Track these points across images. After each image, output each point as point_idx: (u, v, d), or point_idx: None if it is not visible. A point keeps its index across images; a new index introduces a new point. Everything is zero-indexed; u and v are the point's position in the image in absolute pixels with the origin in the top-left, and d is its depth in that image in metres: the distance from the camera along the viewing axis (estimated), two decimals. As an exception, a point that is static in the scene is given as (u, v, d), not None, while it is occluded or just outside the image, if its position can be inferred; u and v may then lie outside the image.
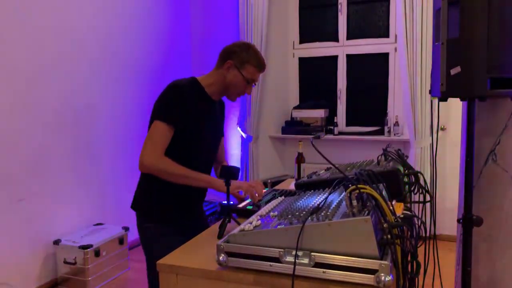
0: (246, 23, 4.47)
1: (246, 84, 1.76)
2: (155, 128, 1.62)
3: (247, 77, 1.74)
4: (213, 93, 1.78)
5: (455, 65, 1.40)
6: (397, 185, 1.51)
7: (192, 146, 1.72)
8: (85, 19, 3.46)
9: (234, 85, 1.75)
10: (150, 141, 1.61)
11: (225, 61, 1.74)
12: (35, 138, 3.05)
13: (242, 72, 1.73)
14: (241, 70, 1.73)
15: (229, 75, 1.74)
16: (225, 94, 1.81)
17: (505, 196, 1.64)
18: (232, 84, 1.75)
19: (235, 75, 1.73)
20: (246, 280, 1.15)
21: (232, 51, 1.74)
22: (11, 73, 2.87)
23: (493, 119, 1.65)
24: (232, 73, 1.73)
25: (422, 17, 3.81)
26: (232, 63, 1.72)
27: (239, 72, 1.73)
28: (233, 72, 1.73)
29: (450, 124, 3.96)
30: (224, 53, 1.76)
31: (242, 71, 1.73)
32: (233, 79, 1.74)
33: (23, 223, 2.97)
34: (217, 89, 1.78)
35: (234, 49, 1.74)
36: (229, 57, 1.73)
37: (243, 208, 1.72)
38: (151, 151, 1.60)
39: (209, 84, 1.76)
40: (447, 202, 3.79)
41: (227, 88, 1.77)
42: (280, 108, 4.84)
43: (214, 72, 1.79)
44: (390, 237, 1.01)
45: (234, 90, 1.77)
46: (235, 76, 1.73)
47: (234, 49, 1.74)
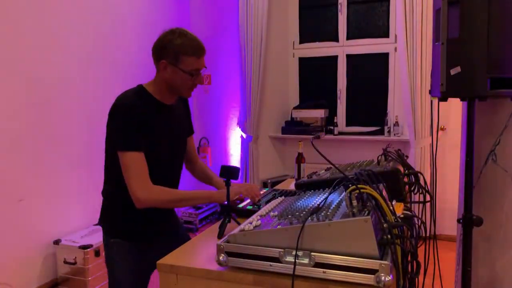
0: (246, 23, 4.47)
1: (191, 77, 1.56)
2: (128, 161, 1.49)
3: (188, 69, 1.54)
4: (163, 98, 1.62)
5: (455, 65, 1.40)
6: (397, 185, 1.51)
7: (156, 160, 1.59)
8: (85, 19, 3.45)
9: (180, 84, 1.57)
10: (134, 176, 1.50)
11: (158, 61, 1.56)
12: (35, 138, 3.05)
13: (180, 67, 1.53)
14: (178, 65, 1.53)
15: (168, 76, 1.55)
16: (176, 94, 1.65)
17: (505, 196, 1.64)
18: (177, 83, 1.57)
19: (174, 73, 1.54)
20: (246, 280, 1.15)
21: (160, 46, 1.54)
22: (10, 73, 2.87)
23: (493, 119, 1.65)
24: (170, 72, 1.55)
25: (422, 17, 3.81)
26: (166, 62, 1.54)
27: (177, 68, 1.53)
28: (171, 71, 1.54)
29: (450, 124, 3.95)
30: (154, 53, 1.57)
31: (180, 65, 1.53)
32: (175, 78, 1.55)
33: (23, 223, 2.96)
34: (165, 93, 1.61)
35: (162, 43, 1.54)
36: (160, 56, 1.55)
37: (243, 208, 1.72)
38: (141, 186, 1.50)
39: (155, 90, 1.61)
40: (447, 202, 3.79)
41: (174, 88, 1.59)
42: (280, 108, 4.84)
43: (156, 77, 1.62)
44: (390, 237, 1.01)
45: (182, 88, 1.59)
46: (174, 74, 1.55)
47: (162, 43, 1.54)
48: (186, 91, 1.61)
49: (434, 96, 1.55)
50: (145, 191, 1.51)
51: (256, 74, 4.51)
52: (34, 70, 3.03)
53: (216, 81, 4.87)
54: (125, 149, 1.50)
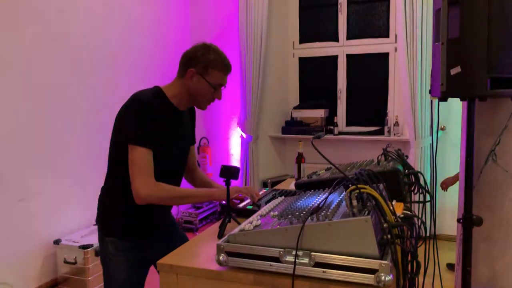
0: (246, 23, 4.47)
1: (213, 90, 1.62)
2: (137, 155, 1.50)
3: (213, 83, 1.60)
4: (179, 104, 1.65)
5: (455, 65, 1.40)
6: (397, 185, 1.51)
7: (162, 162, 1.60)
8: (85, 19, 3.46)
9: (201, 94, 1.61)
10: (138, 171, 1.50)
11: (186, 69, 1.59)
12: (35, 138, 3.05)
13: (206, 78, 1.58)
14: (206, 76, 1.58)
15: (193, 84, 1.59)
16: (193, 104, 1.69)
17: (505, 196, 1.64)
18: (199, 93, 1.61)
19: (200, 83, 1.59)
20: (246, 280, 1.15)
21: (192, 56, 1.59)
22: (10, 73, 2.87)
23: (493, 119, 1.65)
24: (196, 82, 1.59)
25: (422, 17, 3.81)
26: (195, 71, 1.58)
27: (204, 79, 1.58)
28: (197, 80, 1.59)
29: (450, 124, 3.96)
30: (184, 60, 1.62)
31: (207, 77, 1.58)
32: (199, 88, 1.60)
33: (23, 223, 2.97)
34: (183, 100, 1.65)
35: (194, 54, 1.59)
36: (190, 64, 1.59)
37: (243, 208, 1.72)
38: (144, 182, 1.50)
39: (174, 95, 1.63)
40: (447, 202, 3.79)
41: (194, 97, 1.63)
42: (280, 108, 4.84)
43: (177, 82, 1.64)
44: (390, 237, 1.02)
45: (202, 99, 1.64)
46: (199, 84, 1.59)
47: (194, 54, 1.59)
48: (204, 103, 1.66)
49: (434, 96, 1.54)
50: (147, 187, 1.50)
51: (256, 74, 4.51)
52: (34, 71, 3.03)
53: (216, 81, 4.86)
54: (136, 143, 1.51)
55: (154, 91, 1.62)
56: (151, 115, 1.53)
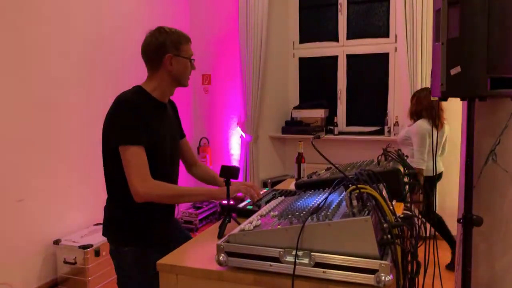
0: (246, 23, 4.47)
1: (190, 62, 1.73)
2: (129, 155, 1.52)
3: (188, 56, 1.71)
4: (161, 96, 1.72)
5: (455, 65, 1.40)
6: (397, 185, 1.51)
7: (156, 159, 1.62)
8: (84, 21, 3.45)
9: (183, 72, 1.71)
10: (133, 170, 1.52)
11: (161, 58, 1.66)
12: (35, 138, 3.05)
13: (182, 55, 1.69)
14: (181, 54, 1.68)
15: (174, 68, 1.68)
16: (177, 86, 1.76)
17: (505, 196, 1.64)
18: (181, 72, 1.71)
19: (179, 62, 1.68)
20: (246, 280, 1.15)
21: (160, 44, 1.66)
22: (10, 73, 2.87)
23: (493, 119, 1.65)
24: (176, 63, 1.68)
25: (422, 17, 3.81)
26: (171, 55, 1.66)
27: (180, 57, 1.68)
28: (176, 62, 1.68)
29: (450, 124, 3.95)
30: (153, 53, 1.68)
31: (181, 54, 1.68)
32: (180, 68, 1.69)
33: (23, 223, 2.96)
34: (166, 89, 1.72)
35: (159, 42, 1.66)
36: (162, 52, 1.66)
37: (243, 208, 1.72)
38: (141, 180, 1.52)
39: (154, 88, 1.69)
40: (447, 202, 3.79)
41: (178, 79, 1.72)
42: (280, 108, 4.84)
43: (153, 76, 1.70)
44: (390, 237, 1.01)
45: (185, 75, 1.73)
46: (179, 63, 1.69)
47: (159, 42, 1.66)
48: (187, 78, 1.75)
49: (434, 96, 1.54)
50: (146, 186, 1.52)
51: (256, 74, 4.51)
52: (34, 71, 3.03)
53: (216, 81, 4.87)
54: (127, 143, 1.53)
55: (136, 90, 1.67)
56: (138, 113, 1.56)
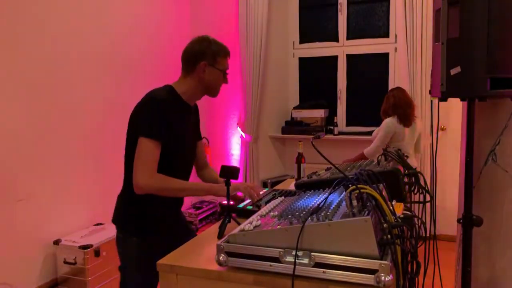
0: (246, 23, 4.47)
1: (223, 76, 1.77)
2: (143, 146, 1.58)
3: (222, 69, 1.75)
4: (190, 99, 1.77)
5: (455, 65, 1.40)
6: (397, 185, 1.51)
7: (175, 157, 1.70)
8: (85, 21, 3.45)
9: (215, 83, 1.75)
10: (141, 161, 1.57)
11: (196, 64, 1.71)
12: (35, 138, 3.04)
13: (217, 67, 1.73)
14: (215, 65, 1.72)
15: (206, 76, 1.72)
16: (205, 94, 1.80)
17: (505, 196, 1.64)
18: (212, 82, 1.75)
19: (212, 72, 1.72)
20: (246, 280, 1.15)
21: (199, 51, 1.72)
22: (11, 73, 2.87)
23: (493, 119, 1.65)
24: (208, 73, 1.72)
25: (422, 17, 3.81)
26: (206, 63, 1.71)
27: (215, 68, 1.72)
28: (209, 71, 1.72)
29: (450, 124, 3.95)
30: (191, 57, 1.73)
31: (216, 65, 1.73)
32: (212, 78, 1.73)
33: (23, 223, 2.96)
34: (195, 94, 1.77)
35: (199, 48, 1.72)
36: (199, 58, 1.71)
37: (243, 208, 1.72)
38: (144, 171, 1.56)
39: (184, 91, 1.74)
40: (447, 202, 3.79)
41: (208, 88, 1.76)
42: (280, 108, 4.84)
43: (186, 79, 1.75)
44: (390, 237, 1.01)
45: (216, 86, 1.77)
46: (212, 74, 1.73)
47: (199, 48, 1.72)
48: (217, 90, 1.80)
49: (434, 96, 1.54)
50: (147, 178, 1.56)
51: (256, 74, 4.51)
52: (35, 71, 3.03)
53: (216, 81, 4.86)
54: (145, 135, 1.58)
55: (167, 89, 1.72)
56: (165, 111, 1.62)
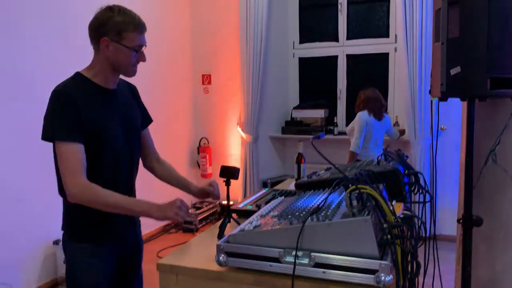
0: (246, 23, 4.47)
1: (134, 53, 1.48)
2: (63, 152, 1.39)
3: (131, 45, 1.46)
4: (105, 82, 1.52)
5: (455, 65, 1.40)
6: (397, 185, 1.51)
7: (105, 150, 1.48)
8: (82, 18, 3.45)
9: (123, 61, 1.48)
10: (64, 169, 1.39)
11: (98, 40, 1.45)
12: (35, 137, 3.04)
13: (123, 43, 1.45)
14: (121, 41, 1.44)
15: (111, 54, 1.45)
16: (119, 74, 1.55)
17: (505, 196, 1.64)
18: (121, 61, 1.47)
19: (118, 50, 1.45)
20: (246, 280, 1.15)
21: (100, 24, 1.45)
22: (10, 73, 2.87)
23: (493, 119, 1.65)
24: (113, 50, 1.45)
25: (422, 17, 3.81)
26: (108, 39, 1.44)
27: (121, 45, 1.44)
28: (114, 49, 1.45)
29: (450, 124, 3.95)
30: (92, 32, 1.47)
31: (123, 42, 1.45)
32: (119, 56, 1.46)
33: (23, 223, 2.96)
34: (107, 75, 1.51)
35: (101, 21, 1.45)
36: (100, 33, 1.45)
37: (243, 208, 1.72)
38: (72, 180, 1.38)
39: (95, 74, 1.50)
40: (447, 202, 3.79)
41: (117, 67, 1.50)
42: (280, 108, 4.84)
43: (94, 59, 1.51)
44: (390, 237, 1.01)
45: (126, 65, 1.50)
46: (118, 51, 1.45)
47: (101, 21, 1.45)
48: (130, 68, 1.52)
49: (434, 96, 1.54)
50: (77, 188, 1.39)
51: (256, 74, 4.51)
52: (34, 71, 3.02)
53: (216, 81, 4.86)
54: (59, 138, 1.41)
55: (72, 78, 1.51)
56: (72, 104, 1.41)
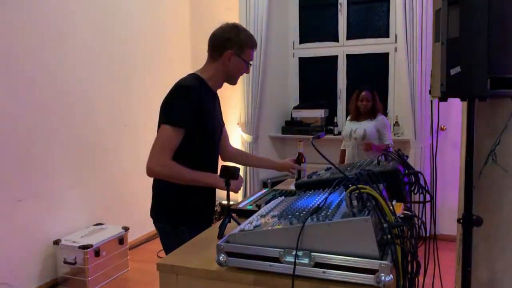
0: (246, 23, 4.47)
1: (246, 66, 1.79)
2: (162, 133, 1.62)
3: (247, 60, 1.77)
4: (214, 86, 1.81)
5: (455, 65, 1.40)
6: (397, 185, 1.51)
7: (205, 143, 1.75)
8: (84, 19, 3.45)
9: (237, 72, 1.78)
10: (157, 147, 1.61)
11: (223, 51, 1.73)
12: (35, 137, 3.04)
13: (242, 57, 1.74)
14: (242, 56, 1.74)
15: (231, 65, 1.74)
16: (226, 81, 1.83)
17: (505, 196, 1.64)
18: (235, 71, 1.77)
19: (237, 62, 1.74)
20: (246, 280, 1.15)
21: (227, 39, 1.73)
22: (11, 73, 2.87)
23: (493, 119, 1.65)
24: (233, 62, 1.74)
25: (422, 17, 3.81)
26: (232, 52, 1.72)
27: (241, 58, 1.74)
28: (234, 60, 1.74)
29: (450, 124, 3.95)
30: (219, 43, 1.75)
31: (243, 56, 1.74)
32: (236, 67, 1.76)
33: (23, 223, 2.96)
34: (219, 80, 1.80)
35: (228, 36, 1.73)
36: (226, 46, 1.72)
37: (243, 208, 1.72)
38: (158, 157, 1.59)
39: (210, 77, 1.77)
40: (447, 202, 3.79)
41: (230, 76, 1.79)
42: (280, 108, 4.84)
43: (212, 65, 1.78)
44: (390, 237, 1.01)
45: (237, 76, 1.80)
46: (237, 63, 1.75)
47: (228, 36, 1.73)
48: (237, 79, 1.83)
49: (434, 96, 1.54)
50: (160, 164, 1.59)
51: (256, 74, 4.51)
52: (34, 71, 3.03)
53: (216, 81, 4.86)
54: (165, 122, 1.62)
55: (194, 77, 1.76)
56: (194, 100, 1.65)
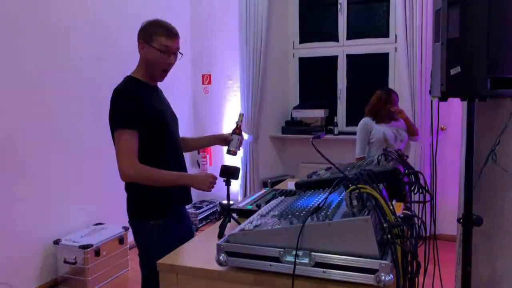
0: (246, 23, 4.47)
1: (163, 55, 1.73)
2: (119, 139, 1.64)
3: (159, 47, 1.72)
4: (151, 80, 1.81)
5: (455, 65, 1.40)
6: (397, 185, 1.51)
7: (161, 136, 1.75)
8: (85, 19, 3.45)
9: (154, 62, 1.74)
10: (121, 153, 1.63)
11: (138, 44, 1.77)
12: (35, 137, 3.04)
13: (152, 45, 1.72)
14: (151, 43, 1.72)
15: (145, 55, 1.75)
16: (153, 75, 1.80)
17: (505, 196, 1.64)
18: (152, 61, 1.74)
19: (149, 51, 1.73)
20: (246, 280, 1.15)
21: (139, 31, 1.77)
22: (10, 73, 2.87)
23: (493, 119, 1.65)
24: (146, 51, 1.74)
25: (422, 17, 3.81)
26: (142, 41, 1.74)
27: (151, 46, 1.72)
28: (147, 50, 1.73)
29: (450, 124, 3.95)
30: (138, 38, 1.78)
31: (152, 43, 1.72)
32: (149, 56, 1.73)
33: (23, 223, 2.96)
34: (146, 74, 1.78)
35: (140, 28, 1.77)
36: (138, 38, 1.76)
37: (243, 208, 1.72)
38: (128, 161, 1.62)
39: (141, 74, 1.79)
40: (447, 202, 3.79)
41: (151, 68, 1.76)
42: (280, 108, 4.84)
43: (139, 63, 1.81)
44: (390, 237, 1.01)
45: (157, 68, 1.76)
46: (149, 52, 1.73)
47: (140, 28, 1.77)
48: (160, 72, 1.78)
49: (434, 96, 1.54)
50: (131, 168, 1.63)
51: (256, 74, 4.51)
52: (34, 71, 3.02)
53: (216, 81, 4.87)
54: (118, 127, 1.64)
55: (127, 79, 1.79)
56: (134, 98, 1.67)
